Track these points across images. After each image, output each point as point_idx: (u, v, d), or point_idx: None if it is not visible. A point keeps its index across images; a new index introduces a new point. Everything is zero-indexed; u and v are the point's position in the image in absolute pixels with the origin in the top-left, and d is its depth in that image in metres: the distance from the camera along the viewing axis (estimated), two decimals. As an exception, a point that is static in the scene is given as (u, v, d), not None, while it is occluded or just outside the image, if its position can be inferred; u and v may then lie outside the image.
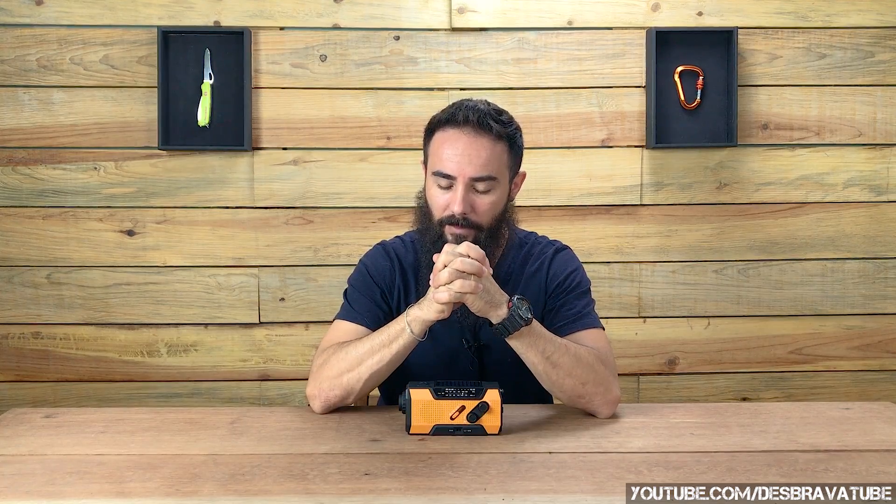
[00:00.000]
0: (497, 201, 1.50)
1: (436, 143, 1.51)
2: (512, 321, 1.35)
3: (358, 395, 1.45)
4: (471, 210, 1.47)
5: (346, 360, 1.42)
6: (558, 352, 1.39)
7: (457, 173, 1.46)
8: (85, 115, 2.34)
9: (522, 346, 1.39)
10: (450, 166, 1.46)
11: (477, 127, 1.46)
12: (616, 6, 2.37)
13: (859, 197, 2.41)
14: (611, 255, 2.40)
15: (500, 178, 1.49)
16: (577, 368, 1.40)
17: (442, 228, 1.48)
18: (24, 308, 2.36)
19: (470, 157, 1.46)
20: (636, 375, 2.43)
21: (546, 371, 1.39)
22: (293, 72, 2.36)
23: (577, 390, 1.40)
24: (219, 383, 2.39)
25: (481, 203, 1.48)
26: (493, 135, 1.47)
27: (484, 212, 1.48)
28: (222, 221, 2.37)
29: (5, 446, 1.28)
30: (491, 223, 1.50)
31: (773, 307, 2.42)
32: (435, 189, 1.49)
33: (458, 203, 1.46)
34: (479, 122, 1.46)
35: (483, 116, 1.47)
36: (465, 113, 1.47)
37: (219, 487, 1.10)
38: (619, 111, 2.38)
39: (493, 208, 1.49)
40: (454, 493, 1.08)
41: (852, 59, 2.39)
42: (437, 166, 1.48)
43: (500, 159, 1.49)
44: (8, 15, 2.32)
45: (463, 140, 1.46)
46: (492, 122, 1.47)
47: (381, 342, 1.41)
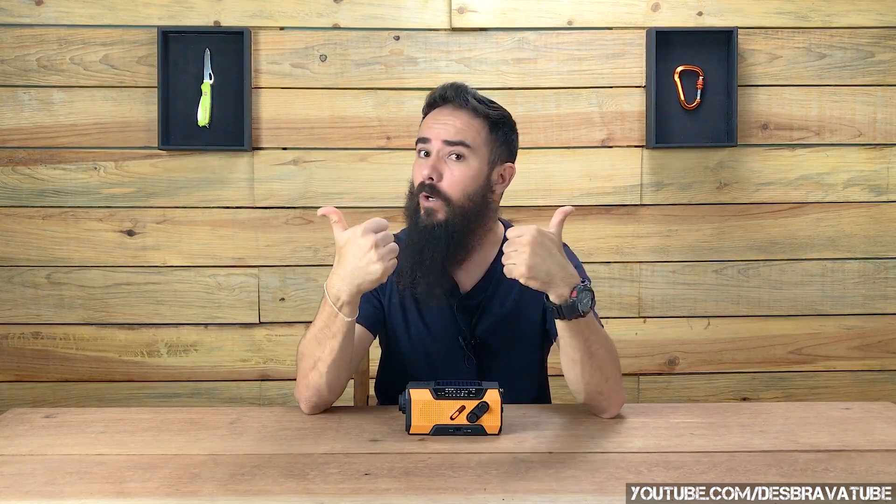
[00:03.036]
0: (469, 175, 1.49)
1: (423, 122, 1.55)
2: (571, 309, 1.28)
3: (330, 388, 1.38)
4: (440, 178, 1.47)
5: (304, 360, 1.39)
6: (598, 343, 1.35)
7: (432, 136, 1.49)
8: (85, 115, 2.34)
9: (570, 332, 1.32)
10: (427, 130, 1.50)
11: (455, 101, 1.51)
12: (616, 6, 2.37)
13: (859, 197, 2.41)
14: (611, 255, 2.40)
15: (476, 149, 1.49)
16: (607, 363, 1.37)
17: (416, 201, 1.50)
18: (24, 308, 2.36)
19: (446, 123, 1.49)
20: (636, 375, 2.42)
21: (582, 360, 1.34)
22: (293, 72, 2.36)
23: (600, 386, 1.37)
24: (219, 383, 2.40)
25: (451, 173, 1.48)
26: (470, 108, 1.50)
27: (453, 182, 1.47)
28: (222, 221, 2.37)
29: (5, 446, 1.28)
30: (463, 201, 1.47)
31: (773, 307, 2.42)
32: (415, 163, 1.52)
33: (427, 165, 1.47)
34: (456, 95, 1.51)
35: (461, 91, 1.51)
36: (444, 91, 1.52)
37: (219, 487, 1.10)
38: (619, 111, 2.38)
39: (464, 182, 1.48)
40: (454, 493, 1.08)
41: (852, 59, 2.39)
42: (419, 135, 1.52)
43: (477, 132, 1.50)
44: (8, 15, 2.32)
45: (443, 112, 1.51)
46: (470, 98, 1.51)
47: (324, 335, 1.35)
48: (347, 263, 1.28)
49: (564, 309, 1.29)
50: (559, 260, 1.29)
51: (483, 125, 1.51)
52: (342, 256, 1.29)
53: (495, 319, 1.54)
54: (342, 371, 1.39)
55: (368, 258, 1.26)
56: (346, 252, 1.28)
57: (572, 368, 1.36)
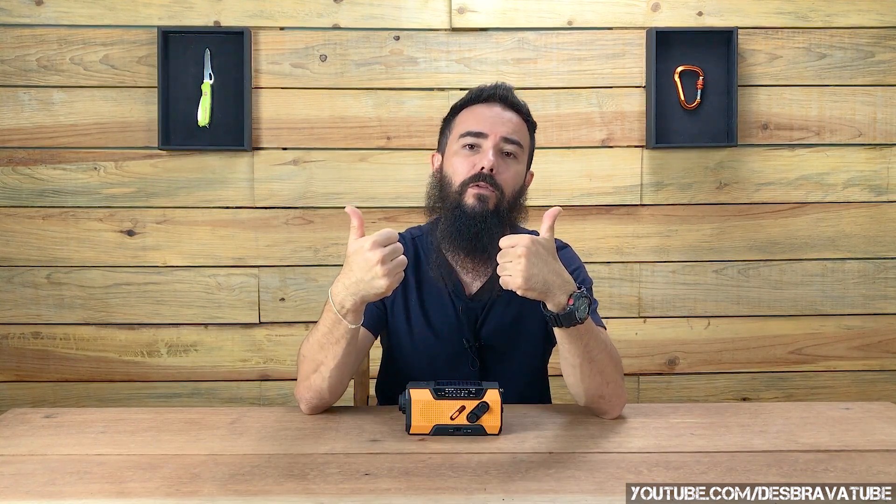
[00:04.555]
0: (519, 174, 1.50)
1: (462, 116, 1.53)
2: (569, 317, 1.28)
3: (331, 391, 1.38)
4: (497, 171, 1.46)
5: (306, 363, 1.38)
6: (598, 348, 1.35)
7: (489, 131, 1.47)
8: (85, 115, 2.34)
9: (569, 339, 1.31)
10: (481, 125, 1.48)
11: (506, 101, 1.52)
12: (616, 6, 2.37)
13: (859, 197, 2.41)
14: (611, 255, 2.40)
15: (524, 152, 1.51)
16: (608, 366, 1.36)
17: (464, 191, 1.45)
18: (24, 308, 2.36)
19: (502, 119, 1.49)
20: (636, 375, 2.43)
21: (581, 365, 1.34)
22: (293, 72, 2.36)
23: (600, 389, 1.36)
24: (219, 383, 2.40)
25: (508, 167, 1.47)
26: (522, 114, 1.53)
27: (508, 178, 1.47)
28: (222, 221, 2.37)
29: (5, 446, 1.28)
30: (511, 196, 1.47)
31: (773, 307, 2.42)
32: (460, 156, 1.48)
33: (487, 157, 1.45)
34: (508, 97, 1.52)
35: (510, 93, 1.53)
36: (493, 89, 1.52)
37: (219, 487, 1.10)
38: (619, 111, 2.38)
39: (516, 179, 1.49)
40: (454, 493, 1.08)
41: (852, 59, 2.39)
42: (467, 128, 1.49)
43: (525, 135, 1.52)
44: (8, 15, 2.32)
45: (494, 109, 1.51)
46: (518, 102, 1.53)
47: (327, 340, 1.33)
48: (353, 274, 1.26)
49: (562, 318, 1.28)
50: (555, 267, 1.28)
51: (527, 130, 1.53)
52: (349, 266, 1.27)
53: (500, 322, 1.54)
54: (344, 375, 1.38)
55: (374, 272, 1.24)
56: (354, 263, 1.26)
57: (572, 373, 1.36)
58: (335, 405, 1.45)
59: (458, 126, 1.52)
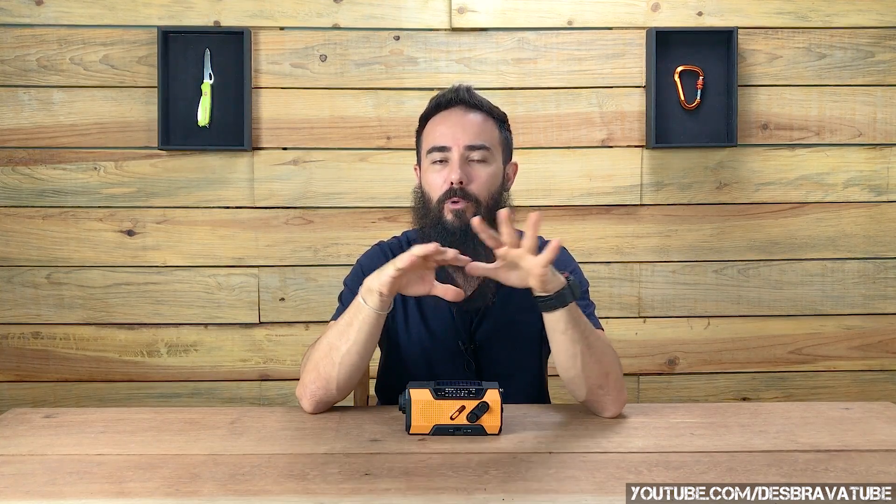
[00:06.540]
0: (493, 174, 1.50)
1: (428, 129, 1.54)
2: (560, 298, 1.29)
3: (339, 383, 1.38)
4: (468, 181, 1.46)
5: (319, 350, 1.39)
6: (594, 335, 1.36)
7: (451, 143, 1.48)
8: (85, 115, 2.34)
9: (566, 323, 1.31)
10: (443, 139, 1.49)
11: (466, 104, 1.51)
12: (616, 6, 2.37)
13: (859, 197, 2.41)
14: (611, 255, 2.40)
15: (494, 150, 1.51)
16: (606, 356, 1.37)
17: (441, 208, 1.47)
18: (24, 308, 2.36)
19: (463, 126, 1.49)
20: (636, 375, 2.43)
21: (582, 352, 1.33)
22: (293, 72, 2.36)
23: (600, 380, 1.36)
24: (219, 383, 2.40)
25: (478, 174, 1.48)
26: (484, 110, 1.52)
27: (481, 183, 1.47)
28: (222, 221, 2.37)
29: (5, 446, 1.28)
30: (488, 200, 1.48)
31: (773, 307, 2.42)
32: (431, 172, 1.50)
33: (455, 170, 1.46)
34: (467, 98, 1.51)
35: (472, 92, 1.52)
36: (450, 94, 1.52)
37: (219, 487, 1.10)
38: (619, 111, 2.38)
39: (490, 181, 1.49)
40: (454, 493, 1.08)
41: (852, 59, 2.39)
42: (432, 143, 1.50)
43: (492, 133, 1.52)
44: (8, 15, 2.32)
45: (454, 116, 1.51)
46: (482, 99, 1.53)
47: (346, 322, 1.37)
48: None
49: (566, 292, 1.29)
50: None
51: (494, 125, 1.53)
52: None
53: (495, 323, 1.54)
54: (355, 368, 1.38)
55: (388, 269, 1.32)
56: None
57: (572, 365, 1.35)
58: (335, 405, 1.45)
59: (425, 141, 1.54)
